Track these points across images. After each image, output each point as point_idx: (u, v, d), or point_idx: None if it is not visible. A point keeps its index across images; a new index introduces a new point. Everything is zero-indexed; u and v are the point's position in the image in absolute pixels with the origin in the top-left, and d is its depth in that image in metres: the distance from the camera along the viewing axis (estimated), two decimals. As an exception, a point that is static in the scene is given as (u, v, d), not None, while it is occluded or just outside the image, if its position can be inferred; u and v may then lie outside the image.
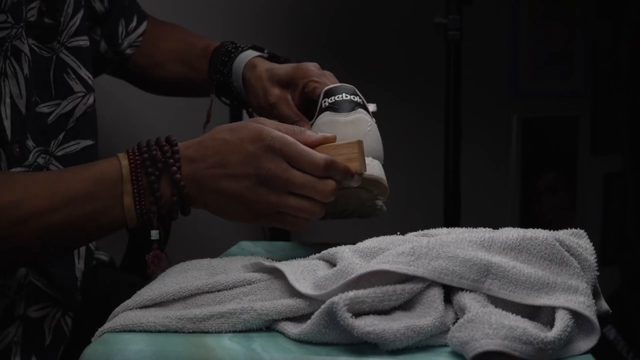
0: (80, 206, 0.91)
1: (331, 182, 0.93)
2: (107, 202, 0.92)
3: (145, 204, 0.92)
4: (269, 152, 0.91)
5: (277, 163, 0.91)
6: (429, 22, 1.79)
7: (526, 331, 0.72)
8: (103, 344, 0.79)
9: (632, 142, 2.08)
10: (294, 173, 0.92)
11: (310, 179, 0.92)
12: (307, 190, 0.93)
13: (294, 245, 1.21)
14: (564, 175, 2.69)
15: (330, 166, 0.93)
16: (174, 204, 0.93)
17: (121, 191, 0.92)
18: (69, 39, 1.11)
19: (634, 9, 2.06)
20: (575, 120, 2.69)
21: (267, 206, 0.93)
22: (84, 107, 1.12)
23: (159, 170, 0.92)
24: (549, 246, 0.82)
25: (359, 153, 0.95)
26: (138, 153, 0.92)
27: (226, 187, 0.92)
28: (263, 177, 0.91)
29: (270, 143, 0.91)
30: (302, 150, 0.92)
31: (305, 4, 2.14)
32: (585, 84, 2.68)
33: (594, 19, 2.67)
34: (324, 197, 0.93)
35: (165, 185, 0.92)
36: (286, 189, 0.92)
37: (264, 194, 0.92)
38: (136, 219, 0.92)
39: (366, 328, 0.75)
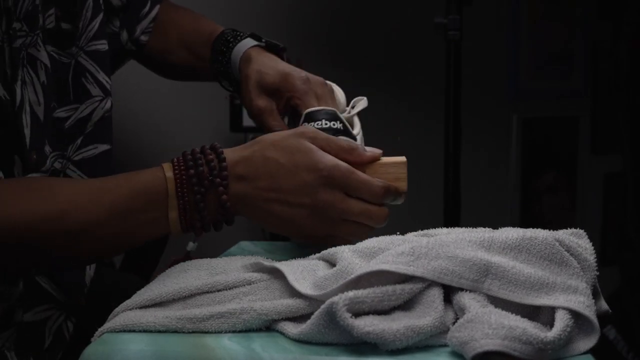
0: (127, 219, 0.91)
1: (385, 210, 0.94)
2: (153, 215, 0.91)
3: (190, 219, 0.92)
4: (326, 184, 0.91)
5: (334, 195, 0.91)
6: (429, 22, 1.79)
7: (526, 331, 0.72)
8: (103, 344, 0.79)
9: (632, 142, 2.08)
10: (351, 203, 0.92)
11: (366, 208, 0.93)
12: (363, 218, 0.93)
13: (294, 245, 1.21)
14: (564, 175, 2.69)
15: (387, 192, 0.94)
16: (218, 221, 0.93)
17: (167, 205, 0.91)
18: (87, 43, 1.11)
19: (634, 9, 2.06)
20: (575, 120, 2.69)
21: (319, 233, 0.93)
22: (101, 112, 1.12)
23: (205, 187, 0.90)
24: (549, 246, 0.82)
25: (406, 173, 0.97)
26: (184, 167, 0.91)
27: (279, 211, 0.92)
28: (319, 208, 0.91)
29: (328, 173, 0.91)
30: (361, 180, 0.92)
31: (305, 4, 2.14)
32: (585, 84, 2.69)
33: (594, 19, 2.67)
34: (378, 224, 0.95)
35: (211, 202, 0.91)
36: (341, 217, 0.93)
37: (318, 222, 0.92)
38: (180, 232, 0.93)
39: (366, 328, 0.75)
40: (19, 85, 0.98)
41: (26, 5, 0.98)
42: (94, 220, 0.90)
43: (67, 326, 1.09)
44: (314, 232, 0.94)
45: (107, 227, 0.90)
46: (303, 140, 0.92)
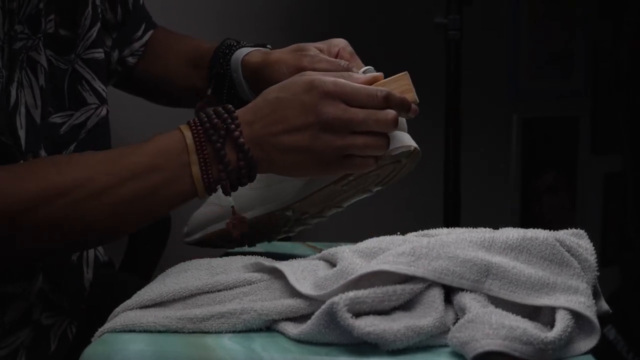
0: (148, 178, 0.91)
1: (391, 111, 0.93)
2: (175, 173, 0.91)
3: (212, 172, 0.92)
4: (325, 98, 0.92)
5: (336, 106, 0.92)
6: (429, 22, 1.79)
7: (526, 331, 0.72)
8: (103, 344, 0.79)
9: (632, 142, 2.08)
10: (354, 110, 0.92)
11: (370, 112, 0.93)
12: (370, 123, 0.93)
13: (294, 245, 1.21)
14: (564, 175, 2.69)
15: (388, 96, 0.93)
16: (240, 168, 0.93)
17: (188, 161, 0.91)
18: (84, 51, 1.11)
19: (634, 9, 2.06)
20: (575, 120, 2.69)
21: (334, 151, 0.93)
22: (96, 119, 1.11)
23: (222, 137, 0.92)
24: (549, 246, 0.82)
25: (410, 84, 0.96)
26: (200, 124, 0.92)
27: (289, 142, 0.92)
28: (324, 123, 0.92)
29: (324, 87, 0.92)
30: (358, 87, 0.93)
31: (304, 4, 2.14)
32: (585, 84, 2.69)
33: (594, 19, 2.67)
34: (387, 127, 0.94)
35: (230, 152, 0.92)
36: (349, 128, 0.93)
37: (329, 139, 0.92)
38: (204, 189, 0.93)
39: (366, 328, 0.75)
40: (15, 87, 0.98)
41: (29, 8, 0.98)
42: (115, 182, 0.90)
43: (71, 329, 1.09)
44: (329, 156, 0.93)
45: (130, 187, 0.91)
46: (299, 76, 0.95)
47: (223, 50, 1.17)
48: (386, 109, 0.93)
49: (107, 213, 0.91)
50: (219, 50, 1.18)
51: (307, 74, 0.95)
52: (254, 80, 1.13)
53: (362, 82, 0.96)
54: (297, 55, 1.08)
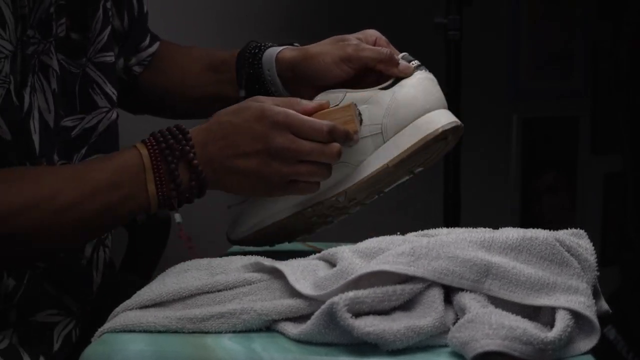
0: (109, 195, 0.96)
1: (336, 145, 0.99)
2: (133, 190, 0.97)
3: (166, 190, 0.97)
4: (275, 127, 0.97)
5: (284, 136, 0.98)
6: (429, 22, 1.79)
7: (526, 331, 0.72)
8: (103, 344, 0.79)
9: (632, 142, 2.08)
10: (301, 142, 0.98)
11: (316, 146, 0.99)
12: (316, 155, 0.99)
13: (294, 245, 1.21)
14: (564, 175, 2.69)
15: (332, 130, 0.99)
16: (192, 188, 0.98)
17: (144, 179, 0.97)
18: (95, 55, 1.11)
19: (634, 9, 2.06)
20: (575, 120, 2.69)
21: (280, 177, 0.99)
22: (107, 122, 1.13)
23: (176, 157, 0.97)
24: (549, 246, 0.82)
25: (354, 115, 1.01)
26: (155, 143, 0.98)
27: (239, 166, 0.98)
28: (273, 151, 0.98)
29: (275, 118, 0.97)
30: (306, 120, 0.99)
31: (304, 4, 2.14)
32: (585, 84, 2.68)
33: (594, 19, 2.67)
34: (332, 159, 1.00)
35: (183, 172, 0.97)
36: (296, 158, 0.98)
37: (276, 166, 0.98)
38: (158, 204, 0.98)
39: (366, 328, 0.75)
40: (28, 92, 0.98)
41: (40, 13, 0.98)
42: (79, 198, 0.95)
43: (75, 332, 1.10)
44: (276, 181, 0.99)
45: (92, 203, 0.96)
46: (251, 102, 1.01)
47: (251, 50, 1.17)
48: (331, 142, 0.99)
49: (73, 226, 0.96)
50: (246, 51, 1.18)
51: (259, 100, 1.01)
52: (290, 75, 1.13)
53: (311, 109, 1.01)
54: (341, 45, 1.10)
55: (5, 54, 0.93)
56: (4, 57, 0.93)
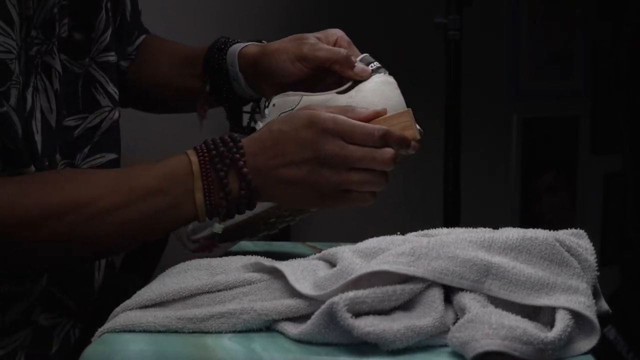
0: (155, 201, 0.94)
1: (389, 150, 0.95)
2: (179, 198, 0.94)
3: (214, 199, 0.95)
4: (324, 134, 0.94)
5: (334, 142, 0.94)
6: (429, 22, 1.80)
7: (526, 331, 0.72)
8: (103, 344, 0.79)
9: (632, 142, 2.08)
10: (351, 148, 0.95)
11: (368, 151, 0.95)
12: (367, 162, 0.95)
13: (294, 245, 1.21)
14: (564, 175, 2.69)
15: (386, 135, 0.95)
16: (241, 197, 0.95)
17: (192, 187, 0.94)
18: (99, 54, 1.11)
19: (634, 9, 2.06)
20: (575, 120, 2.69)
21: (331, 186, 0.95)
22: (109, 122, 1.12)
23: (226, 165, 0.94)
24: (549, 246, 0.82)
25: (412, 120, 0.97)
26: (206, 150, 0.95)
27: (288, 175, 0.95)
28: (322, 159, 0.94)
29: (324, 125, 0.94)
30: (356, 125, 0.95)
31: (304, 4, 2.14)
32: (585, 84, 2.69)
33: (594, 19, 2.67)
34: (385, 166, 0.96)
35: (233, 181, 0.95)
36: (346, 165, 0.95)
37: (326, 174, 0.95)
38: (206, 214, 0.95)
39: (366, 328, 0.75)
40: (30, 92, 0.98)
41: (44, 13, 0.99)
42: (122, 202, 0.93)
43: (74, 333, 1.10)
44: (327, 190, 0.96)
45: (135, 209, 0.93)
46: (303, 110, 0.98)
47: (218, 46, 1.18)
48: (385, 148, 0.95)
49: (111, 232, 0.94)
50: (214, 47, 1.18)
51: (311, 107, 0.98)
52: (251, 71, 1.13)
53: (365, 116, 0.97)
54: (297, 44, 1.09)
55: (15, 54, 0.93)
56: (14, 57, 0.93)
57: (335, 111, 0.96)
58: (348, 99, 1.02)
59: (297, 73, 1.08)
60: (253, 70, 1.12)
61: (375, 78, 1.04)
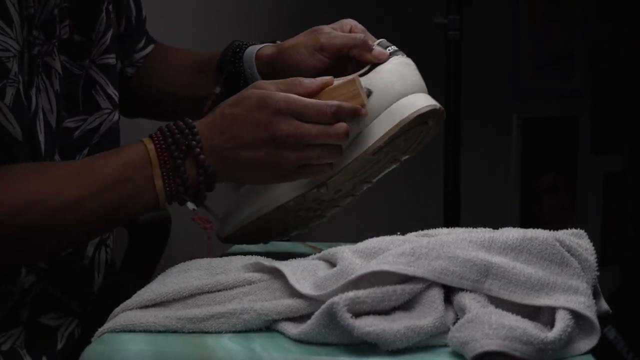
0: (116, 190, 0.95)
1: (342, 125, 0.97)
2: (140, 185, 0.95)
3: (174, 185, 0.96)
4: (277, 115, 0.95)
5: (288, 122, 0.95)
6: (429, 22, 1.79)
7: (526, 331, 0.72)
8: (103, 344, 0.79)
9: (632, 142, 2.08)
10: (306, 127, 0.96)
11: (322, 128, 0.96)
12: (322, 138, 0.96)
13: (294, 245, 1.21)
14: (564, 175, 2.69)
15: (338, 111, 0.97)
16: (200, 183, 0.96)
17: (151, 174, 0.96)
18: (99, 56, 1.11)
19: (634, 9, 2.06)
20: (575, 120, 2.69)
21: (290, 164, 0.97)
22: (109, 124, 1.12)
23: (183, 153, 0.96)
24: (549, 246, 0.82)
25: (360, 89, 0.98)
26: (162, 137, 0.96)
27: (246, 157, 0.96)
28: (279, 140, 0.95)
29: (276, 105, 0.95)
30: (308, 104, 0.96)
31: (304, 4, 2.14)
32: (585, 84, 2.69)
33: (594, 19, 2.67)
34: (339, 140, 0.97)
35: (190, 167, 0.96)
36: (303, 143, 0.96)
37: (284, 154, 0.96)
38: (165, 200, 0.97)
39: (366, 328, 0.75)
40: (34, 92, 0.98)
41: (44, 14, 0.99)
42: (86, 194, 0.94)
43: (78, 332, 1.10)
44: (286, 168, 0.97)
45: (99, 199, 0.94)
46: (252, 89, 0.98)
47: (233, 49, 1.18)
48: (338, 123, 0.97)
49: (77, 224, 0.95)
50: (229, 50, 1.18)
51: (260, 86, 0.99)
52: (269, 71, 1.13)
53: (314, 88, 0.99)
54: (314, 35, 1.10)
55: (14, 52, 0.93)
56: (12, 56, 0.93)
57: (283, 86, 0.98)
58: (366, 81, 1.02)
59: (318, 64, 1.09)
60: (271, 70, 1.13)
61: (393, 60, 1.05)
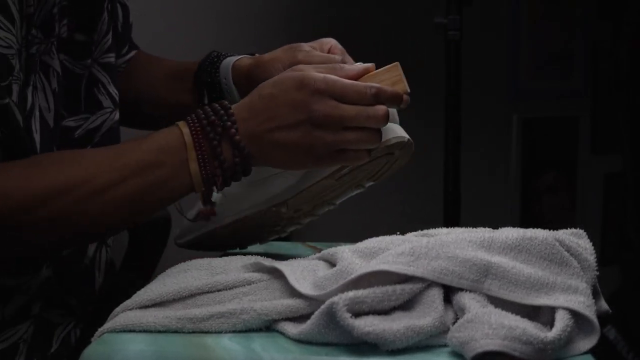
0: (150, 174, 0.94)
1: (382, 107, 0.95)
2: (174, 169, 0.94)
3: (209, 168, 0.95)
4: (316, 95, 0.94)
5: (326, 103, 0.94)
6: (429, 22, 1.80)
7: (526, 331, 0.72)
8: (103, 344, 0.79)
9: (632, 142, 2.08)
10: (345, 107, 0.94)
11: (361, 109, 0.95)
12: (361, 120, 0.95)
13: (294, 245, 1.21)
14: (564, 175, 2.69)
15: (378, 93, 0.95)
16: (236, 164, 0.95)
17: (186, 157, 0.94)
18: (101, 55, 1.11)
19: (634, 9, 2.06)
20: (575, 120, 2.69)
21: (326, 147, 0.95)
22: (110, 123, 1.12)
23: (219, 134, 0.94)
24: (549, 246, 0.82)
25: (401, 74, 0.97)
26: (197, 120, 0.95)
27: (283, 138, 0.95)
28: (315, 120, 0.94)
29: (315, 86, 0.94)
30: (348, 84, 0.95)
31: (304, 5, 2.14)
32: (585, 84, 2.69)
33: (594, 19, 2.67)
34: (379, 123, 0.95)
35: (226, 148, 0.95)
36: (340, 125, 0.94)
37: (320, 135, 0.94)
38: (202, 184, 0.95)
39: (366, 328, 0.75)
40: (30, 91, 0.99)
41: (43, 13, 0.99)
42: (118, 179, 0.93)
43: (75, 333, 1.10)
44: (322, 151, 0.95)
45: (131, 183, 0.93)
46: (291, 71, 0.97)
47: (211, 59, 1.18)
48: (377, 105, 0.95)
49: (111, 209, 0.94)
50: (207, 60, 1.19)
51: (299, 68, 0.97)
52: (245, 83, 1.13)
53: (354, 74, 0.98)
54: (292, 52, 1.09)
55: (15, 50, 0.93)
56: (15, 53, 0.93)
57: (325, 70, 0.97)
58: None
59: None
60: (247, 82, 1.12)
61: None
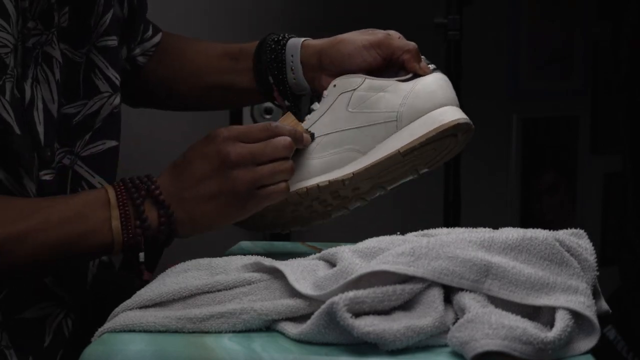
0: (72, 225, 0.97)
1: (286, 137, 1.01)
2: (97, 224, 0.97)
3: (131, 228, 0.97)
4: (225, 142, 0.99)
5: (236, 145, 0.99)
6: (429, 22, 1.79)
7: (526, 331, 0.72)
8: (103, 344, 0.79)
9: (632, 142, 2.08)
10: (252, 145, 1.00)
11: (267, 142, 1.00)
12: (270, 152, 1.00)
13: (294, 245, 1.21)
14: (564, 175, 2.69)
15: (279, 127, 1.01)
16: (160, 225, 0.99)
17: (109, 215, 0.97)
18: (98, 39, 1.11)
19: (634, 9, 2.06)
20: (575, 120, 2.69)
21: (246, 185, 0.99)
22: (110, 107, 1.12)
23: (142, 196, 0.98)
24: (549, 246, 0.82)
25: (295, 120, 1.05)
26: (122, 184, 0.99)
27: (204, 190, 0.99)
28: (229, 162, 0.98)
29: (222, 135, 1.00)
30: (249, 126, 1.01)
31: (304, 4, 2.14)
32: (585, 84, 2.69)
33: (594, 19, 2.67)
34: (287, 151, 1.01)
35: (150, 209, 0.98)
36: (253, 161, 0.99)
37: (238, 175, 0.99)
38: (122, 243, 0.98)
39: (366, 328, 0.75)
40: (29, 84, 0.99)
41: (41, 4, 0.99)
42: (41, 226, 0.96)
43: (67, 323, 1.09)
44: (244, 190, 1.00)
45: (54, 233, 0.96)
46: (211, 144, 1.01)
47: (273, 39, 1.19)
48: (279, 136, 1.01)
49: (29, 256, 0.96)
50: (268, 40, 1.19)
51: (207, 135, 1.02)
52: (315, 62, 1.14)
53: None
54: (371, 32, 1.13)
55: (10, 47, 0.94)
56: (9, 50, 0.93)
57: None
58: (411, 86, 1.07)
59: (369, 60, 1.10)
60: (318, 60, 1.14)
61: (435, 74, 1.10)
